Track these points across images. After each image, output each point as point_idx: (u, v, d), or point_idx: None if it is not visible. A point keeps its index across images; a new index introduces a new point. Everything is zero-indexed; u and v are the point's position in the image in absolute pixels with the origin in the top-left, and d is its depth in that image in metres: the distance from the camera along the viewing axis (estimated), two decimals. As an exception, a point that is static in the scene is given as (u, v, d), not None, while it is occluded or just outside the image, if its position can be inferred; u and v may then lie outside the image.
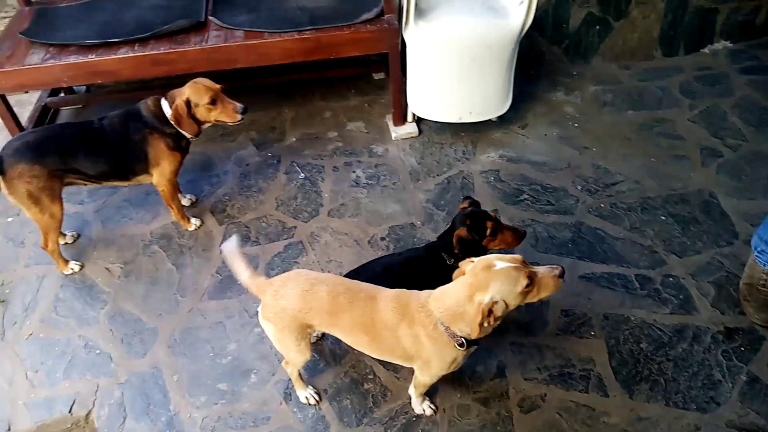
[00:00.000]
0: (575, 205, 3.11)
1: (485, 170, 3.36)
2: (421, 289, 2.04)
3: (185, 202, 3.24)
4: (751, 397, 2.28)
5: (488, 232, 2.21)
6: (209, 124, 2.83)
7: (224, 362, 2.54)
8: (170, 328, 2.68)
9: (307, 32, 3.16)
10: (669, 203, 3.08)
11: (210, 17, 3.31)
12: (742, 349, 2.43)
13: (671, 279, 2.72)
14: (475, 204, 2.34)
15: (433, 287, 2.05)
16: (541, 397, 2.32)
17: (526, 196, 3.17)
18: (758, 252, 2.45)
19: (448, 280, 2.24)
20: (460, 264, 1.92)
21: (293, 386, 2.38)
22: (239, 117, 2.79)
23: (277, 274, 2.81)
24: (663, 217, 3.01)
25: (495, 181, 3.28)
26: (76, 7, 3.50)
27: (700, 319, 2.55)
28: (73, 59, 3.09)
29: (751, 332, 2.49)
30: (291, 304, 2.01)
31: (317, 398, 2.36)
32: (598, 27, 4.00)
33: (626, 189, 3.19)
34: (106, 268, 2.96)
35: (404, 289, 2.02)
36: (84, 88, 4.07)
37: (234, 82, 3.89)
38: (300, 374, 2.32)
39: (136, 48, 3.13)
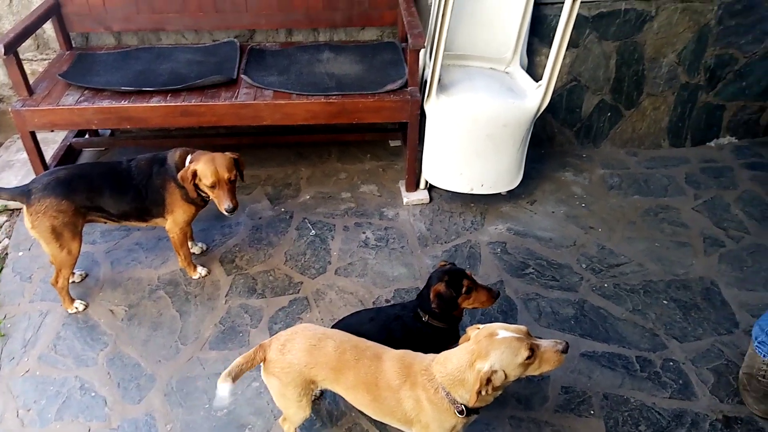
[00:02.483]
0: (579, 283, 3.15)
1: (492, 241, 3.42)
2: (394, 345, 2.06)
3: (195, 249, 3.28)
4: (751, 492, 2.25)
5: (464, 290, 2.24)
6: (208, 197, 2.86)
7: (219, 415, 2.51)
8: (168, 375, 2.67)
9: (333, 97, 3.29)
10: (671, 288, 3.12)
11: (242, 75, 3.46)
12: (742, 440, 2.41)
13: (671, 363, 2.72)
14: (452, 265, 2.38)
15: (408, 344, 2.08)
16: (538, 475, 2.29)
17: (531, 270, 3.22)
18: (758, 342, 2.47)
19: (421, 337, 2.26)
20: (467, 329, 1.94)
21: (287, 444, 2.36)
22: (227, 213, 2.78)
23: (281, 328, 2.85)
24: (665, 302, 3.04)
25: (501, 253, 3.33)
26: (114, 55, 3.67)
27: (699, 406, 2.54)
28: (106, 103, 3.21)
29: (750, 422, 2.47)
30: (298, 359, 2.02)
31: None
32: (609, 114, 4.16)
33: (630, 271, 3.24)
34: (110, 310, 2.98)
35: (409, 351, 2.03)
36: (109, 131, 4.19)
37: (255, 138, 4.04)
38: None
39: (168, 98, 3.25)
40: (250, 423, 2.48)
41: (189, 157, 2.82)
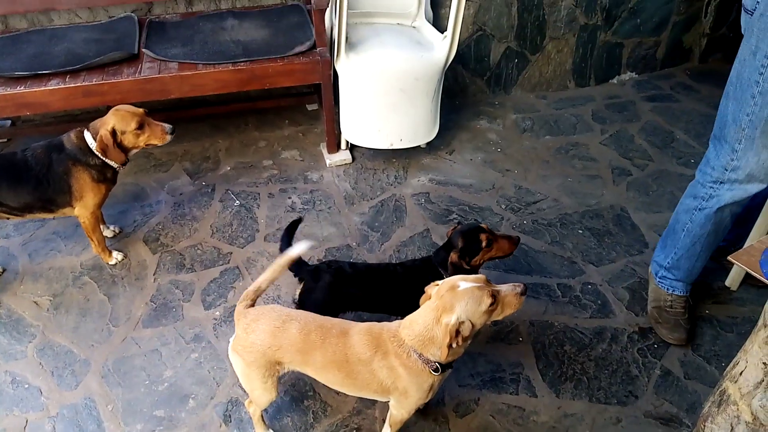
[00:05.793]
0: (500, 223, 3.29)
1: (416, 193, 3.51)
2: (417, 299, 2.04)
3: (108, 233, 3.18)
4: (665, 389, 2.46)
5: (483, 244, 2.31)
6: (137, 150, 2.81)
7: (161, 389, 2.51)
8: (103, 358, 2.63)
9: (242, 64, 3.24)
10: (585, 218, 3.32)
11: (143, 49, 3.35)
12: (656, 346, 2.62)
13: (590, 286, 2.91)
14: (459, 225, 2.44)
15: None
16: (475, 402, 2.42)
17: (455, 216, 3.33)
18: (659, 278, 2.68)
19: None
20: (426, 289, 1.93)
21: (232, 409, 2.39)
22: (169, 137, 2.78)
23: (214, 300, 2.87)
24: (580, 231, 3.23)
25: (426, 203, 3.43)
26: (2, 40, 3.46)
27: (616, 321, 2.74)
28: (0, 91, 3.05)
29: (662, 331, 2.70)
30: (261, 340, 1.98)
31: None
32: (516, 60, 4.30)
33: (546, 207, 3.41)
34: (34, 302, 2.88)
35: (375, 322, 2.02)
36: (9, 122, 3.98)
37: (166, 114, 3.93)
38: (262, 416, 2.26)
39: (67, 80, 3.11)
40: (193, 392, 2.49)
41: (87, 132, 2.71)
